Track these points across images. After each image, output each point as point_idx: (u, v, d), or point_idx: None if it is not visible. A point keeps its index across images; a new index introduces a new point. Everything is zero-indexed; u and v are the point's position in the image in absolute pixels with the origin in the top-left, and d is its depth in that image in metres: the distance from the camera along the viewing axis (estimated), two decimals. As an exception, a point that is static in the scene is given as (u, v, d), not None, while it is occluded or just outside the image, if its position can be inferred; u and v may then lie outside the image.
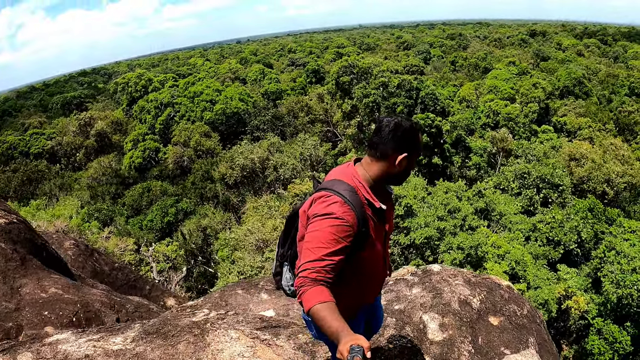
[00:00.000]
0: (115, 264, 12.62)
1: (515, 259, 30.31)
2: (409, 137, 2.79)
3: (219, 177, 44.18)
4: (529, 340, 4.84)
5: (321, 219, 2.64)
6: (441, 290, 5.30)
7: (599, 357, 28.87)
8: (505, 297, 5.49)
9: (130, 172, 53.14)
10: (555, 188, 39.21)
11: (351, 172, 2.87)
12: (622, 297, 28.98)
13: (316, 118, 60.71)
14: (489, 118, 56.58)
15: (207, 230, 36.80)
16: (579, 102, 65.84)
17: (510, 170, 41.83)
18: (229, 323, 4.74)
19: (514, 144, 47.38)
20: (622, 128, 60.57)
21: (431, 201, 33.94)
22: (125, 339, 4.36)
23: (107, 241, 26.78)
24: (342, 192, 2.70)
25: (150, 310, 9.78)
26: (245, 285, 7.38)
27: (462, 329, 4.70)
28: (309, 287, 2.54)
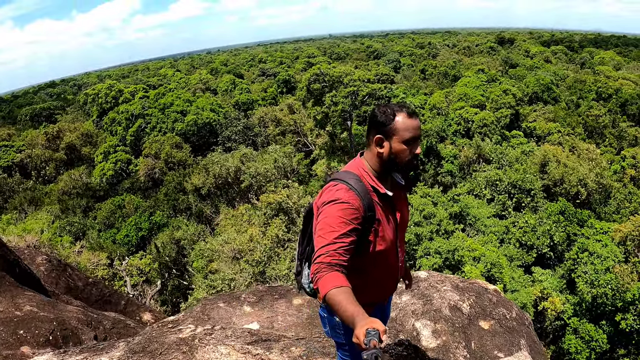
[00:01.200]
0: (89, 279, 12.33)
1: (491, 261, 30.72)
2: (377, 118, 2.89)
3: (191, 189, 43.75)
4: (520, 343, 4.81)
5: (329, 206, 2.74)
6: (430, 296, 5.25)
7: (576, 356, 29.30)
8: (494, 301, 5.47)
9: (101, 185, 52.22)
10: (527, 193, 39.84)
11: (358, 163, 3.00)
12: (597, 297, 29.58)
13: (286, 129, 60.76)
14: (459, 125, 57.30)
15: (181, 242, 36.38)
16: (547, 107, 67.18)
17: (482, 177, 42.39)
18: (218, 338, 4.58)
19: (488, 149, 48.06)
20: (590, 132, 61.96)
21: (407, 208, 34.18)
22: (111, 359, 4.18)
23: (79, 255, 26.23)
24: (347, 180, 2.83)
25: (127, 326, 9.55)
26: (226, 298, 7.22)
27: (455, 334, 4.65)
28: (325, 272, 2.55)
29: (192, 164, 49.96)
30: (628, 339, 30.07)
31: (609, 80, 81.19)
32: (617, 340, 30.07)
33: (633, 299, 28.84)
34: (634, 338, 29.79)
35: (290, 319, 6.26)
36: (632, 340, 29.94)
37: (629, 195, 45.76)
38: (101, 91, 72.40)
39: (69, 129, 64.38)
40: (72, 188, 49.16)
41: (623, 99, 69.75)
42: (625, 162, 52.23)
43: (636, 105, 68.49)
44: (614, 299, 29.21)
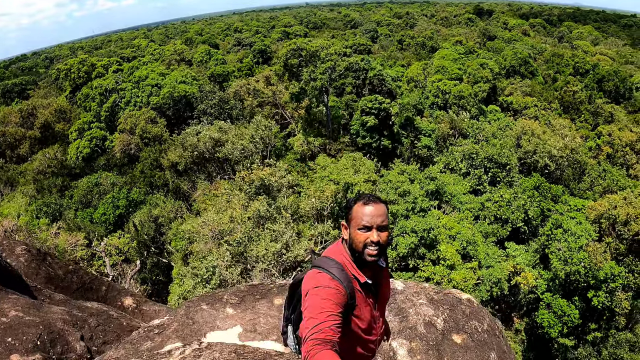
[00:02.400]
0: (70, 267, 12.31)
1: (466, 239, 31.33)
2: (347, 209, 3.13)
3: (168, 165, 43.35)
4: (490, 357, 5.04)
5: (314, 291, 2.88)
6: (407, 312, 5.43)
7: (549, 329, 30.32)
8: (467, 313, 5.67)
9: (76, 163, 51.38)
10: (503, 167, 40.38)
11: (339, 249, 3.15)
12: (570, 274, 30.44)
13: (264, 101, 60.30)
14: (437, 98, 57.46)
15: (159, 220, 36.24)
16: (525, 81, 67.54)
17: (458, 151, 42.77)
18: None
19: (464, 123, 48.38)
20: (567, 107, 62.61)
21: (382, 185, 34.44)
22: None
23: (57, 237, 26.02)
24: (330, 270, 2.97)
25: (110, 318, 9.60)
26: (209, 299, 7.31)
27: (429, 352, 4.85)
28: (318, 350, 2.63)
29: (168, 139, 49.38)
30: (599, 315, 31.21)
31: (586, 55, 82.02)
32: (589, 315, 31.21)
33: (605, 278, 29.79)
34: (605, 314, 30.91)
35: (272, 321, 6.38)
36: (603, 316, 31.08)
37: (603, 172, 46.59)
38: (73, 66, 70.75)
39: (42, 105, 62.96)
40: (47, 167, 48.30)
41: (600, 75, 70.46)
42: (600, 140, 53.04)
43: (613, 82, 69.24)
44: (586, 276, 30.11)
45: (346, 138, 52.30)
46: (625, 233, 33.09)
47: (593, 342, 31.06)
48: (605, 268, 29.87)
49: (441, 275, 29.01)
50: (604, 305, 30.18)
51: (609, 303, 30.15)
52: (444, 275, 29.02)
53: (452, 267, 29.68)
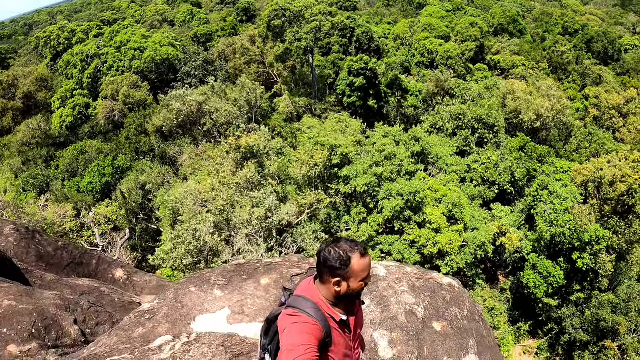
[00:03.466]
0: (59, 243, 12.27)
1: (452, 201, 31.53)
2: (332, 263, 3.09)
3: (153, 130, 42.96)
4: (469, 345, 5.23)
5: (292, 327, 2.98)
6: (388, 301, 5.58)
7: (534, 289, 31.02)
8: (447, 299, 5.84)
9: (61, 132, 50.71)
10: (491, 129, 40.42)
11: (313, 291, 3.21)
12: (556, 235, 30.92)
13: (252, 59, 59.48)
14: (424, 57, 56.98)
15: (146, 186, 36.15)
16: (513, 40, 66.84)
17: (446, 111, 42.64)
18: (196, 358, 4.86)
19: (452, 82, 48.08)
20: (555, 67, 62.23)
21: (368, 147, 34.40)
22: None
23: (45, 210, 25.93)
24: (307, 310, 3.06)
25: (102, 295, 9.71)
26: (197, 281, 7.39)
27: (410, 343, 5.03)
28: None
29: (152, 104, 48.78)
30: (583, 276, 31.89)
31: (576, 15, 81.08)
32: (573, 276, 31.91)
33: (590, 240, 30.28)
34: (589, 276, 31.60)
35: (259, 302, 6.50)
36: (587, 278, 31.77)
37: (589, 135, 46.75)
38: (53, 33, 69.07)
39: (23, 75, 61.61)
40: (31, 138, 47.83)
41: (589, 35, 69.87)
42: (588, 102, 53.04)
43: (602, 43, 68.76)
44: (571, 238, 30.60)
45: (332, 98, 51.98)
46: (611, 193, 33.51)
47: (576, 302, 31.76)
48: (590, 230, 30.33)
49: (427, 238, 29.31)
50: (588, 267, 30.75)
51: (593, 265, 30.73)
52: (430, 238, 29.32)
53: (437, 230, 29.98)
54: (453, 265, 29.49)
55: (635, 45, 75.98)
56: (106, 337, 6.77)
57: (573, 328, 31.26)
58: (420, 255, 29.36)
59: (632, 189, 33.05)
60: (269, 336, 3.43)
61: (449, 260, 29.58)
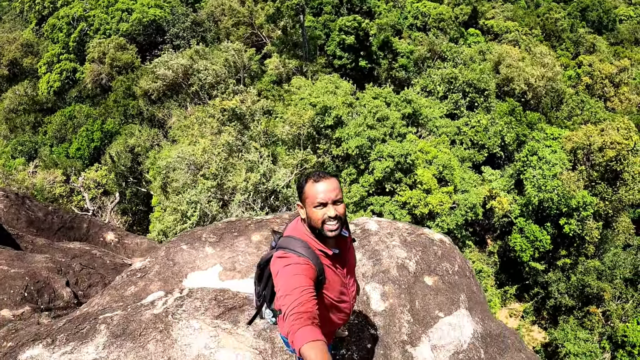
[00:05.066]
0: (49, 208, 12.14)
1: (443, 163, 31.69)
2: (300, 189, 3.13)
3: (141, 93, 42.42)
4: (459, 299, 5.28)
5: (285, 270, 2.95)
6: (380, 255, 5.60)
7: (521, 253, 31.49)
8: (439, 255, 5.87)
9: (48, 97, 49.86)
10: (481, 93, 40.31)
11: (300, 228, 3.20)
12: (544, 200, 31.24)
13: (240, 21, 58.34)
14: (416, 19, 56.27)
15: (135, 149, 35.95)
16: (507, 5, 66.13)
17: (437, 74, 42.43)
18: (189, 312, 4.85)
19: (443, 46, 47.66)
20: (548, 34, 61.74)
21: (360, 109, 34.27)
22: (97, 347, 4.42)
23: (34, 176, 25.75)
24: (297, 249, 3.03)
25: (94, 257, 9.72)
26: (188, 239, 7.37)
27: (402, 296, 5.07)
28: (299, 326, 2.71)
29: (140, 67, 48.02)
30: (570, 242, 32.40)
31: (571, -18, 79.81)
32: (560, 242, 32.37)
33: (577, 206, 30.65)
34: (575, 241, 32.08)
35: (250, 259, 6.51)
36: (574, 243, 32.27)
37: (581, 103, 46.78)
38: (37, -4, 67.22)
39: (7, 41, 60.15)
40: (18, 105, 47.03)
41: (584, 4, 69.16)
42: (580, 70, 52.83)
43: (596, 12, 68.13)
44: (559, 204, 30.95)
45: (323, 59, 51.37)
46: (599, 159, 33.75)
47: (563, 267, 32.33)
48: (578, 196, 30.68)
49: (417, 199, 29.54)
50: (574, 233, 31.20)
51: (579, 231, 31.17)
52: (421, 199, 29.56)
53: (428, 192, 30.21)
54: (443, 226, 29.82)
55: (630, 16, 75.48)
56: (98, 297, 6.77)
57: (559, 293, 31.89)
58: (410, 216, 29.63)
59: (621, 154, 33.29)
60: (262, 282, 3.42)
61: (440, 221, 29.90)
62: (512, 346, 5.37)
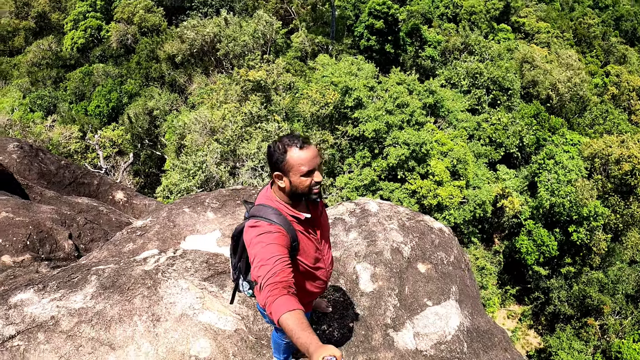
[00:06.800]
0: (62, 162, 12.22)
1: (458, 157, 31.44)
2: (272, 158, 3.01)
3: (164, 57, 42.44)
4: (450, 290, 5.24)
5: (258, 239, 2.90)
6: (376, 236, 5.57)
7: (526, 255, 31.24)
8: (436, 243, 5.83)
9: (72, 54, 49.86)
10: (505, 91, 39.78)
11: (270, 195, 3.15)
12: (555, 205, 30.86)
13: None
14: (447, 9, 55.44)
15: (154, 112, 36.10)
16: (541, 5, 64.57)
17: (462, 67, 41.94)
18: (179, 271, 4.89)
19: (472, 39, 46.99)
20: (579, 39, 60.45)
21: (381, 93, 34.04)
22: (85, 297, 4.48)
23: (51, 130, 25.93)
24: (269, 217, 2.99)
25: (100, 214, 9.81)
26: (191, 202, 7.41)
27: (392, 280, 5.05)
28: (276, 296, 2.69)
29: (166, 30, 47.91)
30: (577, 251, 32.04)
31: (609, -11, 77.91)
32: (566, 249, 32.03)
33: (588, 215, 30.23)
34: (582, 251, 31.73)
35: (250, 228, 6.54)
36: (580, 253, 31.92)
37: (605, 112, 45.90)
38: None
39: (37, -7, 60.35)
40: (41, 59, 47.07)
41: (619, 13, 67.43)
42: (608, 79, 51.77)
43: (631, 23, 66.42)
44: (570, 210, 30.54)
45: (349, 40, 50.91)
46: (615, 171, 33.28)
47: (566, 275, 32.02)
48: (590, 206, 30.26)
49: (428, 189, 29.41)
50: (582, 242, 30.85)
51: (587, 240, 30.81)
52: (431, 190, 29.42)
53: (439, 183, 30.04)
54: (450, 219, 29.69)
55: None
56: (97, 251, 6.86)
57: (559, 300, 31.69)
58: (419, 205, 29.54)
59: (636, 169, 32.78)
60: (237, 253, 3.39)
61: (447, 214, 29.78)
62: (498, 344, 5.33)
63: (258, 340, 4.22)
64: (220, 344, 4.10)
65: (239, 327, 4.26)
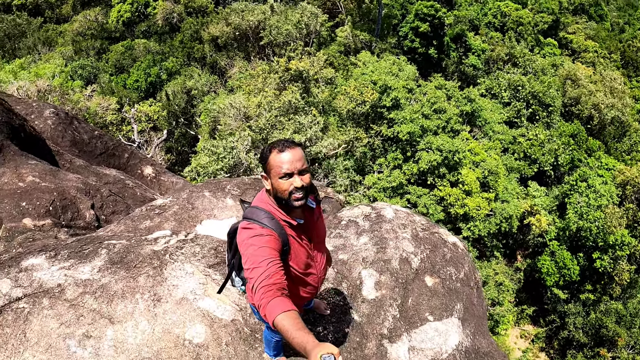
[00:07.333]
0: (95, 132, 12.37)
1: (490, 168, 31.06)
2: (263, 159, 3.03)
3: (208, 38, 42.80)
4: (454, 307, 5.13)
5: (250, 242, 2.93)
6: (387, 243, 5.49)
7: (546, 276, 30.61)
8: (447, 258, 5.73)
9: (117, 27, 50.60)
10: (545, 107, 39.03)
11: (265, 198, 3.15)
12: (582, 229, 30.13)
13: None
14: (495, 18, 54.54)
15: (192, 92, 36.47)
16: (590, 23, 62.76)
17: (505, 78, 41.31)
18: (187, 255, 4.93)
19: (517, 50, 46.17)
20: (627, 62, 58.73)
21: (419, 96, 33.80)
22: (93, 269, 4.57)
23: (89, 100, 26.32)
24: (261, 220, 3.00)
25: (125, 187, 9.93)
26: (212, 187, 7.45)
27: (396, 290, 4.97)
28: (270, 298, 2.72)
29: (212, 12, 48.24)
30: (598, 278, 31.24)
31: (662, 15, 75.49)
32: (588, 275, 31.26)
33: (614, 243, 29.46)
34: (604, 279, 30.94)
35: (267, 218, 6.56)
36: (602, 280, 31.13)
37: (646, 140, 44.72)
38: None
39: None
40: (87, 29, 47.78)
41: None
42: None
43: None
44: (596, 237, 29.80)
45: (393, 39, 50.54)
46: (647, 202, 32.46)
47: (584, 302, 31.31)
48: (617, 234, 29.50)
49: (456, 198, 29.15)
50: (605, 270, 30.10)
51: (610, 269, 30.05)
52: (459, 199, 29.15)
53: (468, 193, 29.75)
54: (475, 230, 29.38)
55: None
56: (115, 224, 6.97)
57: (574, 326, 31.02)
58: (445, 213, 29.30)
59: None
60: (231, 250, 3.42)
61: (472, 225, 29.47)
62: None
63: (253, 333, 4.25)
64: (215, 331, 4.14)
65: (236, 318, 4.29)
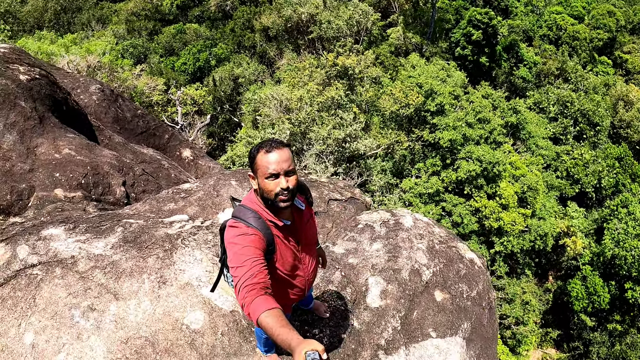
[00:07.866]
0: (138, 111, 12.47)
1: (529, 184, 30.40)
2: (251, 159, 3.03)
3: (259, 28, 43.16)
4: (460, 326, 4.96)
5: (235, 240, 2.95)
6: (400, 252, 5.39)
7: (575, 301, 29.71)
8: (461, 274, 5.56)
9: (171, 10, 51.36)
10: (593, 126, 37.93)
11: (253, 198, 3.16)
12: (617, 257, 29.13)
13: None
14: (550, 31, 53.22)
15: (239, 79, 36.79)
16: (649, 43, 60.74)
17: (554, 93, 40.31)
18: (198, 242, 5.00)
19: (570, 66, 44.97)
20: (684, 89, 56.44)
21: (465, 104, 33.31)
22: (106, 245, 4.70)
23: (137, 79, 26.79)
24: (247, 220, 3.02)
25: (160, 167, 10.04)
26: (240, 177, 7.44)
27: (401, 301, 4.86)
28: (253, 297, 2.74)
29: (265, 2, 48.60)
30: (628, 309, 30.11)
31: None
32: (618, 305, 30.18)
33: (649, 275, 28.47)
34: (634, 310, 29.81)
35: (290, 211, 6.60)
36: (631, 312, 30.00)
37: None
38: None
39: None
40: (141, 9, 48.61)
41: None
42: None
43: None
44: (631, 266, 28.80)
45: (445, 44, 49.93)
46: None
47: (611, 332, 30.23)
48: (654, 266, 28.42)
49: (491, 210, 28.64)
50: (635, 302, 29.07)
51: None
52: (494, 212, 28.64)
53: (505, 207, 29.18)
54: (508, 246, 28.83)
55: None
56: (141, 203, 7.08)
57: (597, 356, 30.01)
58: (479, 225, 28.82)
59: None
60: (222, 246, 3.42)
61: (505, 240, 28.93)
62: (498, 397, 5.12)
63: (250, 326, 4.28)
64: (213, 320, 4.20)
65: (235, 309, 4.34)
